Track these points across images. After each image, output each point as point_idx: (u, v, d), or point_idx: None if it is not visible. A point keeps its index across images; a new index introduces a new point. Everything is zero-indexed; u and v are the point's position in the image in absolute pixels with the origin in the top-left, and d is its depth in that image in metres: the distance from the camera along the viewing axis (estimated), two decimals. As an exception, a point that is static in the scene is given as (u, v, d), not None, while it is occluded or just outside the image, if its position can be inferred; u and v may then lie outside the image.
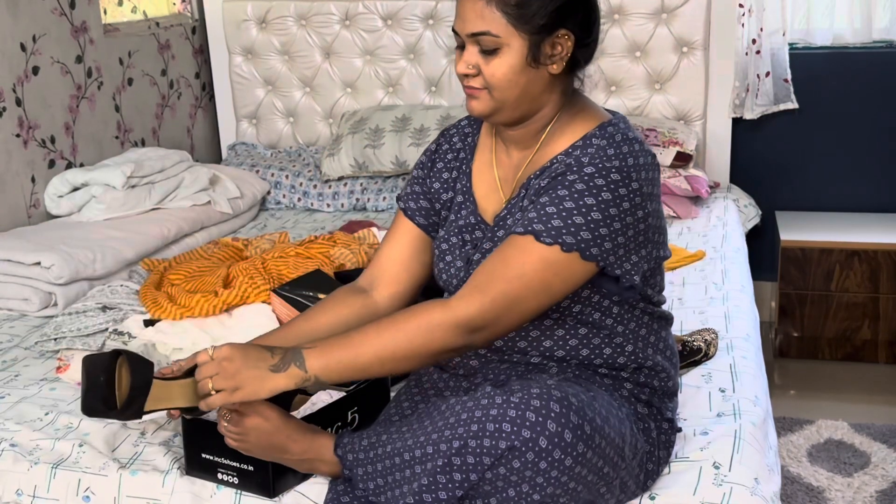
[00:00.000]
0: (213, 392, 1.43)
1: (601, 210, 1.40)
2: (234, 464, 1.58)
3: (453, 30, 1.51)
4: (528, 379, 1.44)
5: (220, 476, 1.61)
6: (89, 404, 1.47)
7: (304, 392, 1.72)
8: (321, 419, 1.63)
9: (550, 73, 1.47)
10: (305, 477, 1.60)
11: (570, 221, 1.40)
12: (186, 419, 1.61)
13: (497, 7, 1.42)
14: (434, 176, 1.69)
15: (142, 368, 1.47)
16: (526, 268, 1.40)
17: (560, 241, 1.39)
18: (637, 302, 1.55)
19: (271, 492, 1.56)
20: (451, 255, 1.63)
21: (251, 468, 1.57)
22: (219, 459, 1.60)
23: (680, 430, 1.67)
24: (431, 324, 1.41)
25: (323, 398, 1.73)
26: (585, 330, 1.53)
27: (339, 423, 1.69)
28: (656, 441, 1.57)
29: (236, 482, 1.60)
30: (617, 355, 1.54)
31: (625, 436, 1.44)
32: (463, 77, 1.49)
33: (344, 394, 1.71)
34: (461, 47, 1.50)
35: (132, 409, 1.47)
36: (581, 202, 1.40)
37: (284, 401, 1.73)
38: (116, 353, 1.49)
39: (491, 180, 1.62)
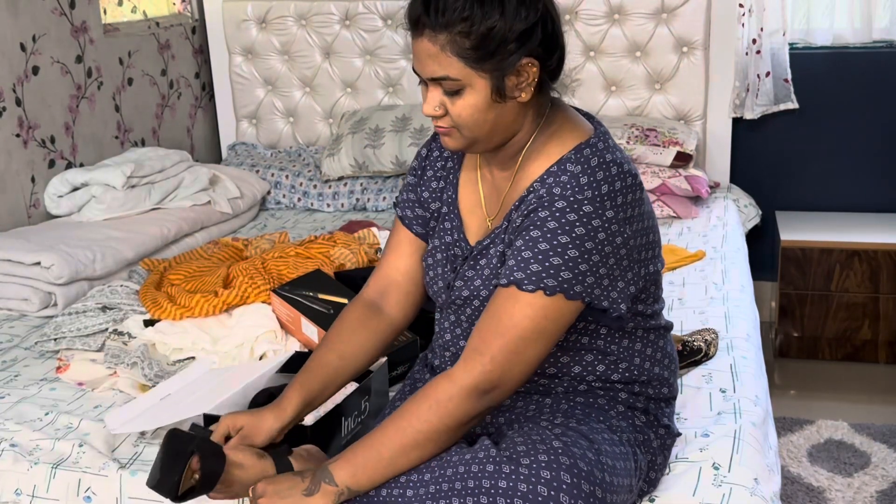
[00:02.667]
0: None
1: (577, 247, 1.37)
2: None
3: (413, 69, 1.45)
4: (530, 434, 1.39)
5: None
6: (158, 482, 1.46)
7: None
8: (337, 414, 1.66)
9: (520, 101, 1.43)
10: None
11: (547, 264, 1.37)
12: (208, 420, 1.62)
13: (452, 52, 1.37)
14: (424, 185, 1.65)
15: (214, 470, 1.45)
16: (516, 318, 1.38)
17: (542, 285, 1.37)
18: (628, 322, 1.52)
19: None
20: (434, 272, 1.60)
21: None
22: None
23: (679, 434, 1.66)
24: (441, 400, 1.38)
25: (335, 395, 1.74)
26: (576, 349, 1.52)
27: (357, 412, 1.71)
28: (656, 449, 1.57)
29: None
30: (611, 372, 1.53)
31: (631, 472, 1.44)
32: (431, 117, 1.45)
33: (357, 386, 1.73)
34: (425, 83, 1.44)
35: (186, 500, 1.46)
36: (555, 241, 1.37)
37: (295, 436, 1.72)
38: (194, 441, 1.48)
39: (475, 197, 1.58)
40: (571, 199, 1.38)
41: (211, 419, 1.63)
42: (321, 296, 2.16)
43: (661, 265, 1.54)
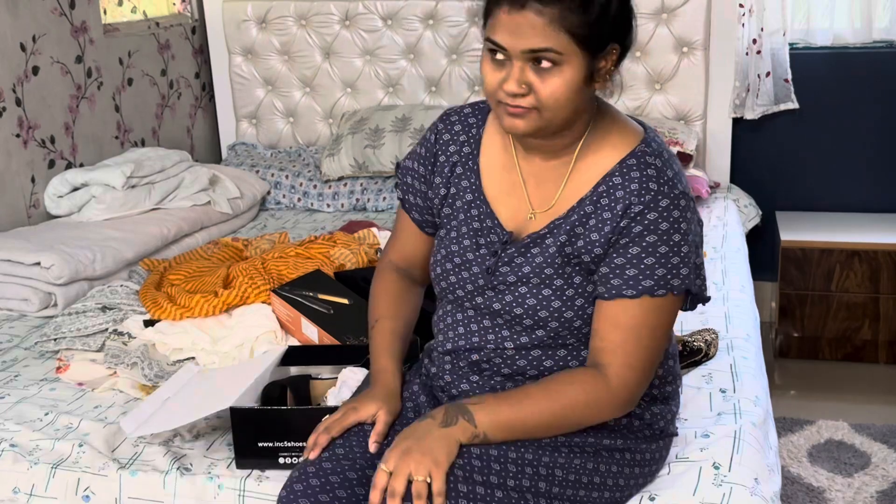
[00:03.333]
0: (428, 480, 1.35)
1: (688, 242, 1.45)
2: (299, 444, 1.65)
3: (492, 42, 1.39)
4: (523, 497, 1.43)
5: (282, 461, 1.67)
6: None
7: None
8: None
9: (595, 88, 1.44)
10: None
11: (669, 265, 1.43)
12: (236, 413, 1.67)
13: (561, 26, 1.34)
14: (437, 170, 1.61)
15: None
16: (651, 326, 1.44)
17: (669, 286, 1.43)
18: None
19: None
20: (460, 258, 1.56)
21: None
22: (280, 444, 1.67)
23: (676, 434, 1.65)
24: (598, 402, 1.44)
25: (348, 380, 1.78)
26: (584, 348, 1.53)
27: None
28: (650, 461, 1.56)
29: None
30: None
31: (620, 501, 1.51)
32: (509, 95, 1.39)
33: (368, 372, 1.76)
34: (499, 62, 1.39)
35: None
36: (672, 242, 1.43)
37: (302, 388, 1.81)
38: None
39: (509, 185, 1.55)
40: (671, 195, 1.43)
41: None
42: (321, 296, 2.16)
43: None
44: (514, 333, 1.52)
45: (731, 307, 2.37)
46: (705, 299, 1.52)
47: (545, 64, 1.36)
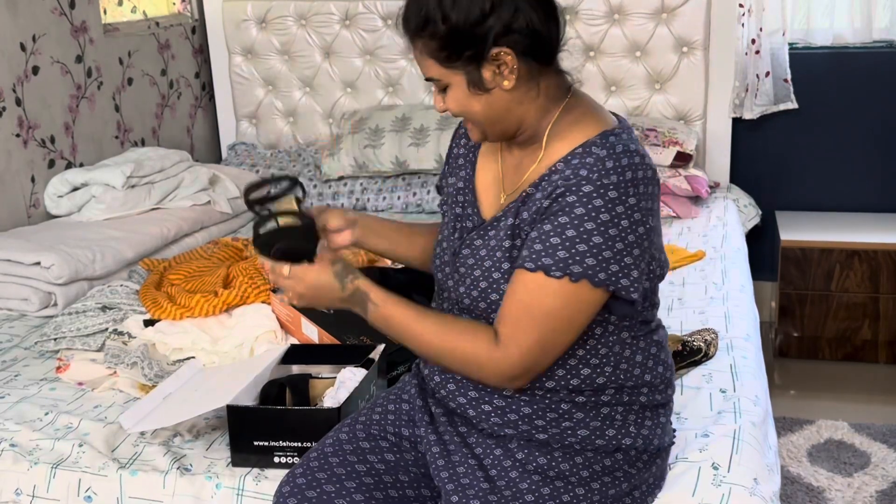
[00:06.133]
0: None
1: (601, 233, 1.39)
2: (294, 444, 1.66)
3: None
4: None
5: (276, 459, 1.68)
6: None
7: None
8: (354, 398, 1.75)
9: (504, 89, 1.47)
10: None
11: (574, 250, 1.40)
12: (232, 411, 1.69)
13: (428, 54, 1.46)
14: (452, 162, 1.70)
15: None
16: (545, 307, 1.41)
17: (568, 272, 1.39)
18: (623, 321, 1.51)
19: None
20: (440, 247, 1.64)
21: (311, 444, 1.62)
22: (275, 443, 1.67)
23: (672, 443, 1.62)
24: (478, 358, 1.46)
25: (347, 381, 1.79)
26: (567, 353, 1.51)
27: (368, 396, 1.80)
28: (642, 470, 1.54)
29: (296, 461, 1.65)
30: (596, 375, 1.50)
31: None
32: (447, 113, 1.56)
33: (366, 373, 1.81)
34: None
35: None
36: (581, 228, 1.39)
37: (301, 387, 1.83)
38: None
39: (494, 175, 1.61)
40: (598, 182, 1.40)
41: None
42: (321, 296, 2.16)
43: (663, 271, 1.54)
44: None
45: (731, 307, 2.38)
46: (630, 300, 1.45)
47: (439, 87, 1.50)
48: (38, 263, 2.54)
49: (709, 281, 2.59)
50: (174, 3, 3.89)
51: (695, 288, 2.55)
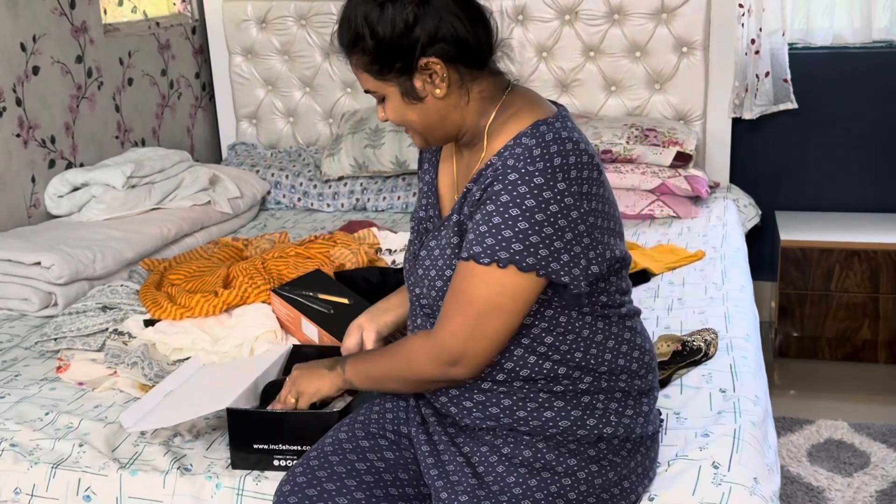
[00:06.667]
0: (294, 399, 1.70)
1: (527, 219, 1.41)
2: (294, 447, 1.67)
3: None
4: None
5: (276, 463, 1.69)
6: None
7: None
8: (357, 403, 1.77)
9: (437, 97, 1.50)
10: None
11: (500, 237, 1.42)
12: (232, 414, 1.71)
13: (362, 68, 1.51)
14: (420, 165, 1.75)
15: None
16: (472, 293, 1.44)
17: (495, 258, 1.42)
18: (585, 307, 1.51)
19: None
20: (407, 252, 1.69)
21: (309, 447, 1.63)
22: (275, 446, 1.68)
23: (657, 430, 1.61)
24: (412, 354, 1.53)
25: None
26: (528, 341, 1.51)
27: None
28: (641, 474, 1.55)
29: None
30: (567, 361, 1.50)
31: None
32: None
33: None
34: None
35: None
36: (507, 214, 1.41)
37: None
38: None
39: (451, 176, 1.66)
40: (523, 170, 1.42)
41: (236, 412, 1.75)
42: (321, 296, 2.16)
43: (623, 256, 1.54)
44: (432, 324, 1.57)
45: (731, 307, 2.38)
46: (563, 284, 1.44)
47: (380, 97, 1.55)
48: (39, 263, 2.54)
49: (709, 281, 2.59)
50: (174, 4, 3.89)
51: (695, 288, 2.55)
